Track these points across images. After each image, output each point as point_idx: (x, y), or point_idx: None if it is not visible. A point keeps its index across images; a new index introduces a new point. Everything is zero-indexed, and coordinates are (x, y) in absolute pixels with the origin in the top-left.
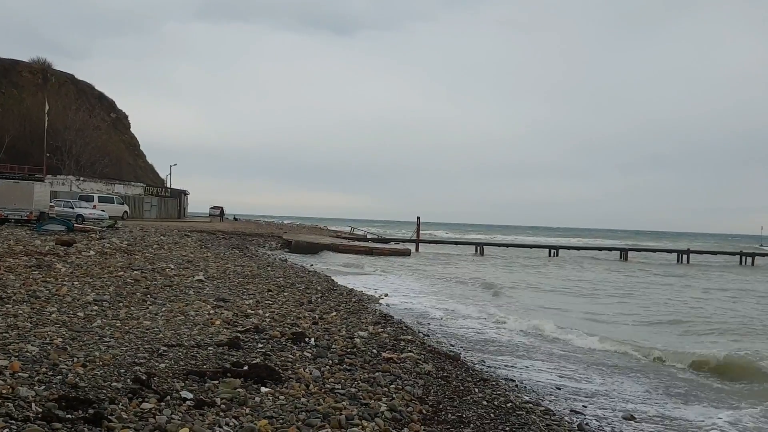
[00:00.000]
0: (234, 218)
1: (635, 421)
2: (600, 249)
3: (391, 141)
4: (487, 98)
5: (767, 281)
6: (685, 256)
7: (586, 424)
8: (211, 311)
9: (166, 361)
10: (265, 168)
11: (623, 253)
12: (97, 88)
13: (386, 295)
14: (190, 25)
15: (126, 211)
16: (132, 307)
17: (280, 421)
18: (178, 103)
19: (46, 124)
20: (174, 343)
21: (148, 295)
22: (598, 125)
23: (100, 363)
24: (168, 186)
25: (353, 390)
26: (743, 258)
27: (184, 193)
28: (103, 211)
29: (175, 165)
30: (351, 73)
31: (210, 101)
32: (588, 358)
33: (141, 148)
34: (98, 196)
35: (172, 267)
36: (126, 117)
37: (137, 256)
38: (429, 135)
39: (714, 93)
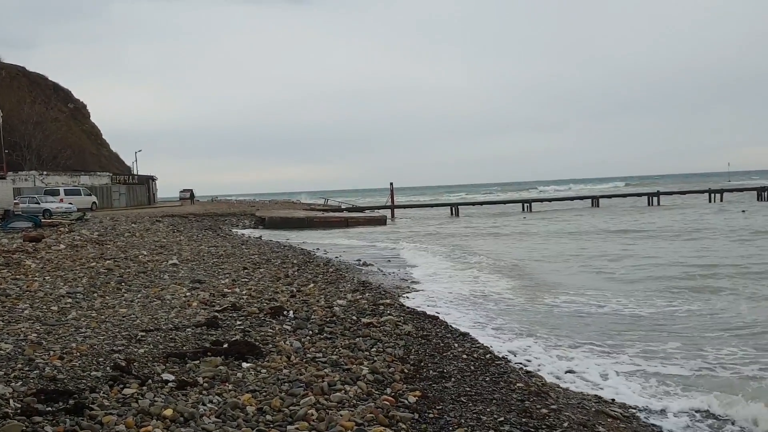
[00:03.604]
0: (212, 199)
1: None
2: (572, 199)
3: (361, 108)
4: (454, 57)
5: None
6: (655, 199)
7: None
8: (188, 293)
9: (145, 346)
10: (234, 146)
11: (594, 200)
12: (51, 78)
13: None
14: (137, 4)
15: (94, 202)
16: (107, 297)
17: (264, 393)
18: (136, 86)
19: (0, 120)
20: (152, 327)
21: (123, 283)
22: (568, 76)
23: (78, 354)
24: (135, 173)
25: (334, 357)
26: (712, 195)
27: (152, 178)
28: (70, 204)
29: (140, 151)
30: (313, 41)
31: (170, 82)
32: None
33: (103, 136)
34: (64, 189)
35: (145, 253)
36: (84, 106)
37: (109, 246)
38: (399, 99)
39: (680, 35)
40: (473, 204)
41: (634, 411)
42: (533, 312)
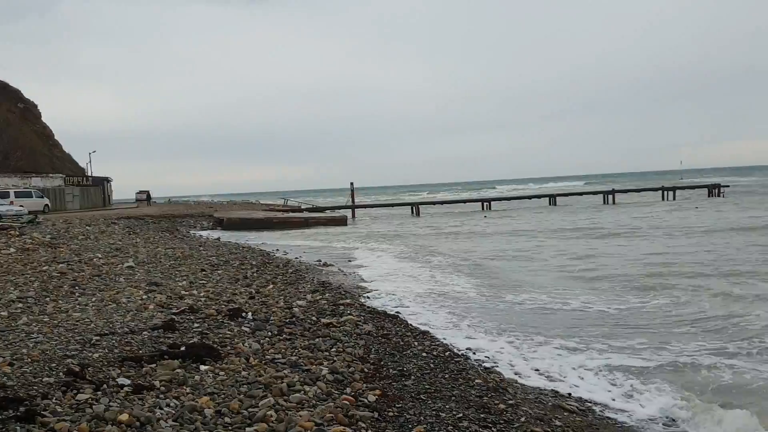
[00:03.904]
0: (168, 201)
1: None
2: (530, 197)
3: (321, 108)
4: (415, 58)
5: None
6: (610, 197)
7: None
8: (144, 296)
9: (100, 350)
10: (193, 147)
11: (551, 199)
12: None
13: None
14: (88, 2)
15: (47, 205)
16: (60, 301)
17: (222, 395)
18: (90, 86)
19: None
20: (107, 331)
21: (77, 287)
22: (527, 76)
23: (29, 360)
24: (89, 174)
25: (294, 358)
26: (665, 192)
27: (107, 180)
28: (21, 206)
29: (94, 152)
30: (272, 40)
31: (125, 81)
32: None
33: (56, 137)
34: (15, 192)
35: (100, 256)
36: (35, 106)
37: (62, 249)
38: (360, 100)
39: (635, 37)
40: (434, 203)
41: (590, 405)
42: (494, 309)
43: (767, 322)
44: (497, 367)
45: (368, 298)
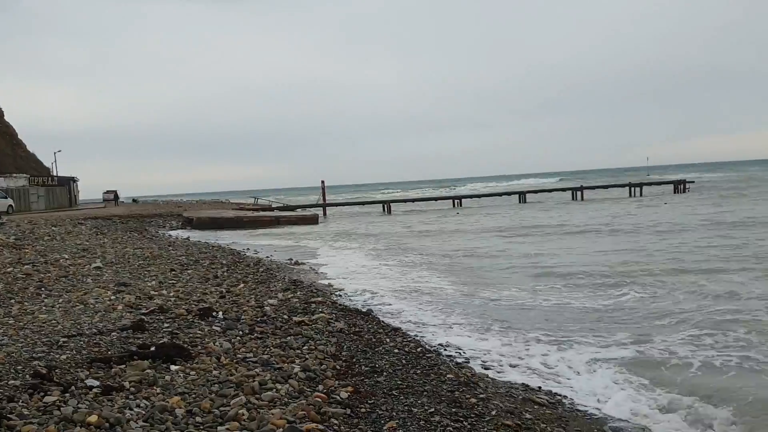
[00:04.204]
0: (134, 200)
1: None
2: (500, 195)
3: (291, 106)
4: (384, 55)
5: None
6: (578, 193)
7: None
8: (112, 297)
9: (68, 352)
10: (162, 146)
11: (521, 196)
12: None
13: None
14: None
15: (11, 205)
16: (25, 302)
17: (193, 395)
18: (56, 84)
19: None
20: (75, 333)
21: (43, 288)
22: (497, 75)
23: None
24: (54, 174)
25: (266, 357)
26: (632, 189)
27: (73, 180)
28: None
29: (59, 151)
30: (242, 38)
31: (91, 80)
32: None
33: (19, 136)
34: None
35: (67, 257)
36: None
37: (27, 250)
38: (330, 97)
39: (602, 36)
40: (405, 201)
41: (560, 398)
42: (469, 305)
43: (738, 315)
44: (469, 362)
45: (340, 296)
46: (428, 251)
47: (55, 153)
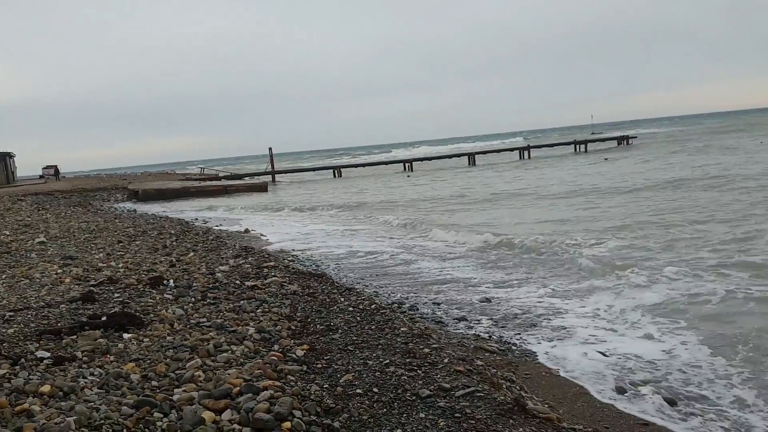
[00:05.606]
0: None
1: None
2: (450, 157)
3: (235, 71)
4: (325, 16)
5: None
6: (526, 153)
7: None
8: (59, 270)
9: (15, 325)
10: (103, 119)
11: (471, 157)
12: None
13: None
14: None
15: None
16: None
17: (148, 361)
18: None
19: None
20: (21, 307)
21: None
22: (442, 35)
23: None
24: None
25: (219, 321)
26: (577, 146)
27: (10, 155)
28: None
29: None
30: (175, 1)
31: (21, 49)
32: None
33: None
34: None
35: (8, 233)
36: None
37: None
38: (275, 61)
39: None
40: (356, 166)
41: (510, 345)
42: (417, 266)
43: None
44: (423, 317)
45: (293, 260)
46: (381, 215)
47: None
